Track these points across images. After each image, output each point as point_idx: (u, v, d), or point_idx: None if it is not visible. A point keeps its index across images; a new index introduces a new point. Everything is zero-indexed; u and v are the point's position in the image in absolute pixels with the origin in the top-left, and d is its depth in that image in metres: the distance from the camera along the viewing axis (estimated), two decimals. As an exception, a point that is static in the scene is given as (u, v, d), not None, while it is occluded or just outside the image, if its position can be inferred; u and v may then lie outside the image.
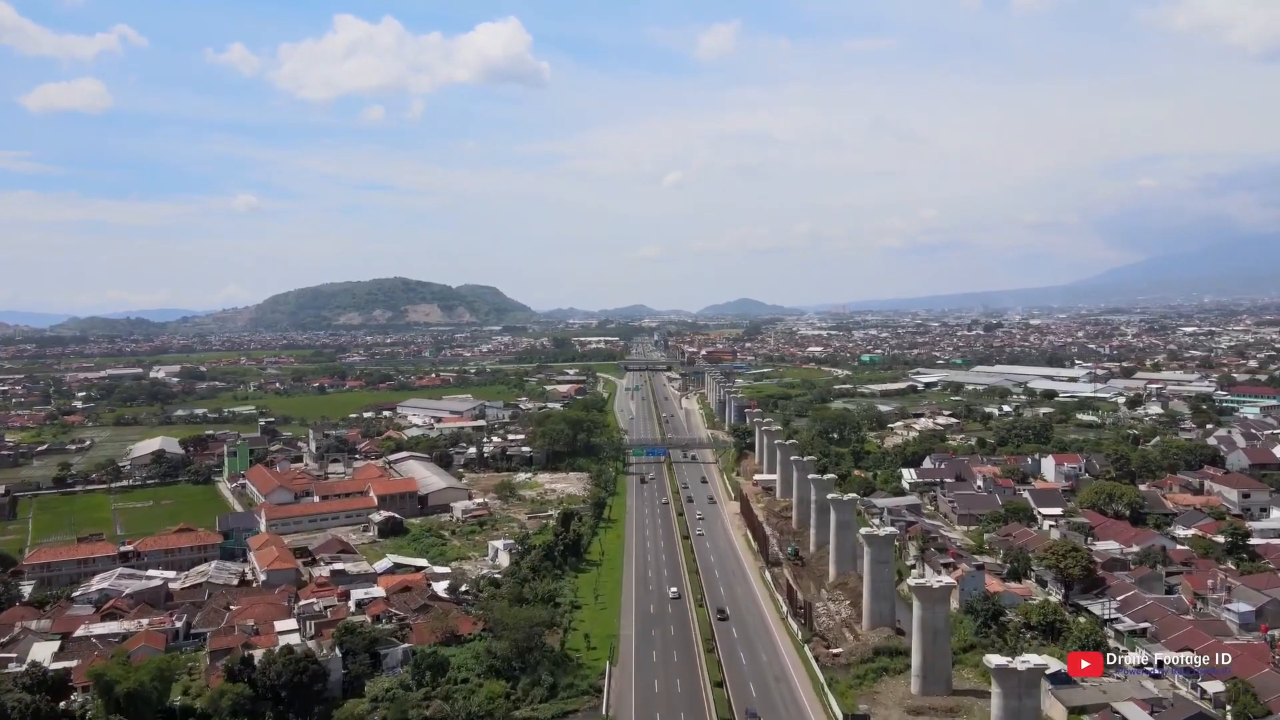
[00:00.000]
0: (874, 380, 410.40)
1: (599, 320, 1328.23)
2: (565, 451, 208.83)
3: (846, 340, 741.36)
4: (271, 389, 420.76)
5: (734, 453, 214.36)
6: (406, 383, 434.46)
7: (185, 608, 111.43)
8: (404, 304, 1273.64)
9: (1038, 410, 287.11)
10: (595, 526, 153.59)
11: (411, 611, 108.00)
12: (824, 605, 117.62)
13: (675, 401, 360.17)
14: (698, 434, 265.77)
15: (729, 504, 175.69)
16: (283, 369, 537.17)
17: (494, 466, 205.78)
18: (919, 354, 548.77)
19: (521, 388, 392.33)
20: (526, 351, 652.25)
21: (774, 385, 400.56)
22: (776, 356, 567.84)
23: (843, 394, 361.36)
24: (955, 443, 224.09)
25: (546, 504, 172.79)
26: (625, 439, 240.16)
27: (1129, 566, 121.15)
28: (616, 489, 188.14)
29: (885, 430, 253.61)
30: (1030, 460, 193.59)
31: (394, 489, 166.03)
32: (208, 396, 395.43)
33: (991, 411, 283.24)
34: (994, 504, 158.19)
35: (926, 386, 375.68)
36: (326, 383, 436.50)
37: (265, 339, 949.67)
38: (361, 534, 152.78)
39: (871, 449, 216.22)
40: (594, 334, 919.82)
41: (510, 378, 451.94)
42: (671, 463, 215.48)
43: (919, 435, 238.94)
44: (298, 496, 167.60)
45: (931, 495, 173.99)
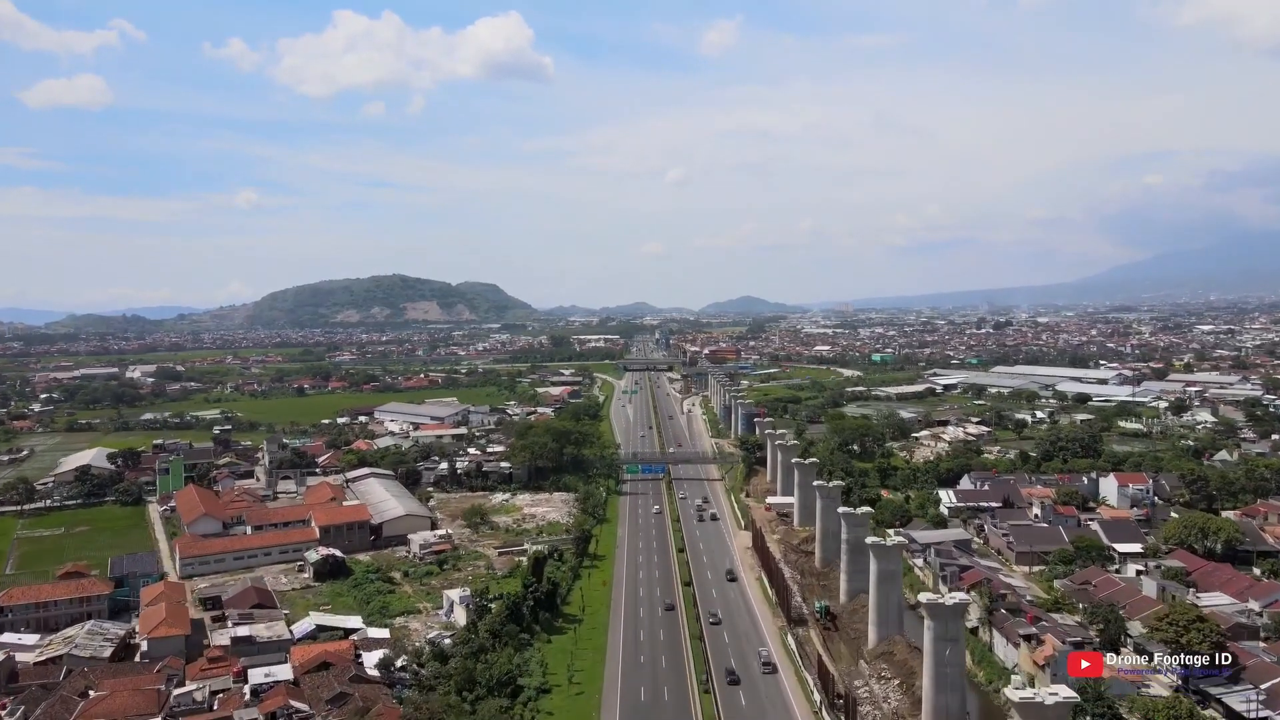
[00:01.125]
0: (887, 381, 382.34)
1: (600, 318, 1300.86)
2: (550, 468, 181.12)
3: (853, 339, 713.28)
4: (249, 390, 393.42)
5: (743, 469, 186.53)
6: (392, 384, 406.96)
7: (29, 694, 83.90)
8: (403, 301, 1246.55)
9: (1074, 417, 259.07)
10: (578, 566, 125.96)
11: (323, 703, 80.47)
12: (866, 686, 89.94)
13: (676, 404, 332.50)
14: (701, 444, 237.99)
15: (739, 534, 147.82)
16: (267, 369, 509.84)
17: (468, 485, 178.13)
18: (931, 353, 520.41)
19: (513, 390, 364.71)
20: (523, 350, 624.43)
21: (781, 387, 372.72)
22: (782, 355, 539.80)
23: (856, 397, 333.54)
24: (993, 457, 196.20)
25: (523, 534, 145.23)
26: (619, 453, 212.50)
27: (1259, 635, 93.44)
28: (607, 513, 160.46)
29: (910, 441, 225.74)
30: (1085, 480, 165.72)
31: (341, 518, 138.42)
32: (179, 399, 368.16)
33: (1024, 419, 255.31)
34: (1057, 538, 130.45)
35: (946, 389, 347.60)
36: (308, 384, 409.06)
37: (258, 337, 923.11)
38: (295, 575, 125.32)
39: (899, 464, 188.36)
40: (594, 332, 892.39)
41: (502, 379, 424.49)
42: (672, 479, 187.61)
43: (950, 447, 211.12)
44: (228, 525, 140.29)
45: (977, 524, 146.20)
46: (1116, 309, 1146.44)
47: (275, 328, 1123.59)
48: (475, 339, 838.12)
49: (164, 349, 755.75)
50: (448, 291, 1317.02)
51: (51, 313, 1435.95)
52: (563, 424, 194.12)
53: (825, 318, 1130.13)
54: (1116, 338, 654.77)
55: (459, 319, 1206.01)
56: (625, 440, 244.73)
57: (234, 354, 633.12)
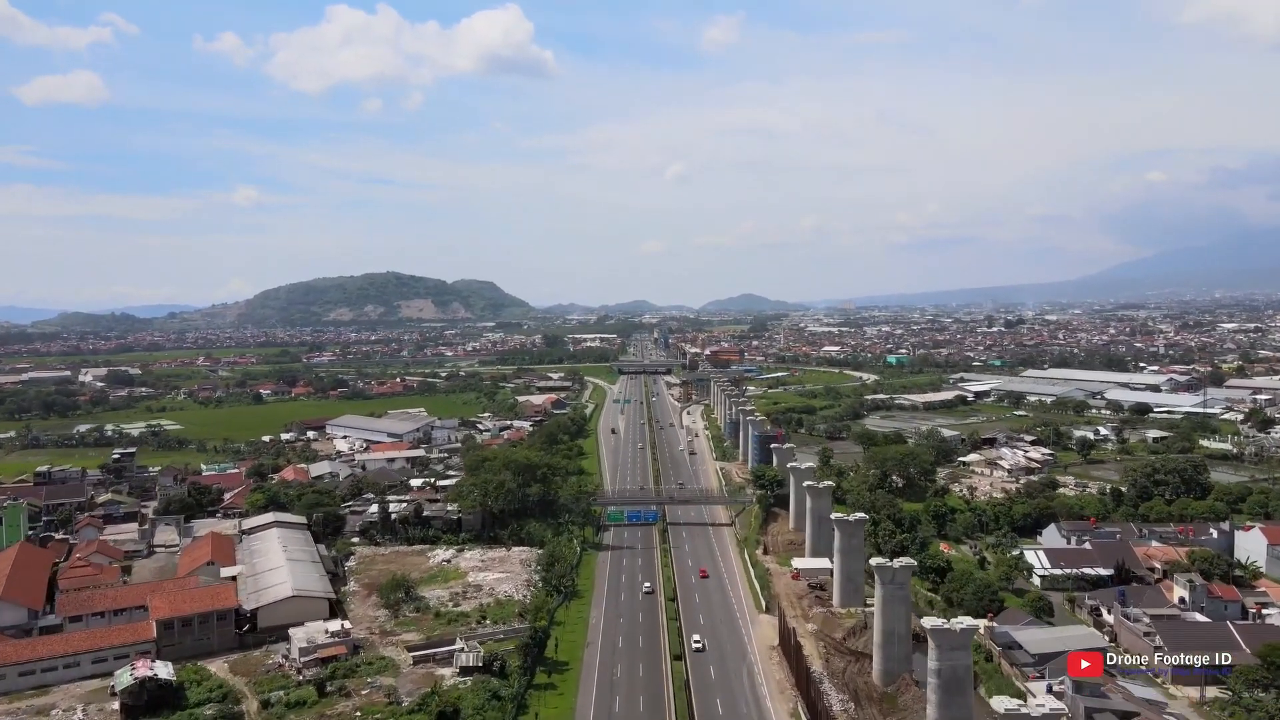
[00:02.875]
0: (908, 387, 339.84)
1: (599, 316, 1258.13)
2: (513, 510, 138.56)
3: (860, 338, 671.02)
4: (203, 396, 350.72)
5: (758, 512, 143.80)
6: (362, 390, 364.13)
7: None
8: (397, 299, 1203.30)
9: (1144, 434, 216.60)
10: (523, 693, 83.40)
11: None
12: None
13: (675, 415, 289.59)
14: (702, 470, 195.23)
15: (759, 622, 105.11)
16: (235, 371, 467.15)
17: (404, 535, 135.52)
18: (948, 354, 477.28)
19: (492, 398, 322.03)
20: (513, 351, 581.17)
21: (792, 394, 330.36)
22: (789, 356, 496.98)
23: (877, 406, 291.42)
24: (1072, 493, 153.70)
25: (459, 619, 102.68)
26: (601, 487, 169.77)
27: None
28: (578, 582, 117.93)
29: (958, 467, 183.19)
30: (1214, 533, 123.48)
31: (192, 605, 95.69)
32: (122, 406, 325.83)
33: (1083, 435, 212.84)
34: (1225, 639, 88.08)
35: (978, 397, 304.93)
36: (270, 389, 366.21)
37: (243, 336, 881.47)
38: (104, 704, 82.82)
39: (956, 504, 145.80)
40: (591, 331, 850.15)
41: (485, 383, 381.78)
42: (667, 525, 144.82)
43: (1011, 477, 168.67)
44: (34, 617, 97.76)
45: (1091, 605, 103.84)
46: (1123, 306, 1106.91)
47: (267, 326, 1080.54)
48: (467, 338, 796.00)
49: (142, 349, 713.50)
50: (443, 289, 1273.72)
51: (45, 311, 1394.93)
52: (528, 455, 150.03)
53: (828, 316, 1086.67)
54: (1139, 336, 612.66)
55: (454, 317, 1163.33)
56: (613, 463, 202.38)
57: (209, 354, 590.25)
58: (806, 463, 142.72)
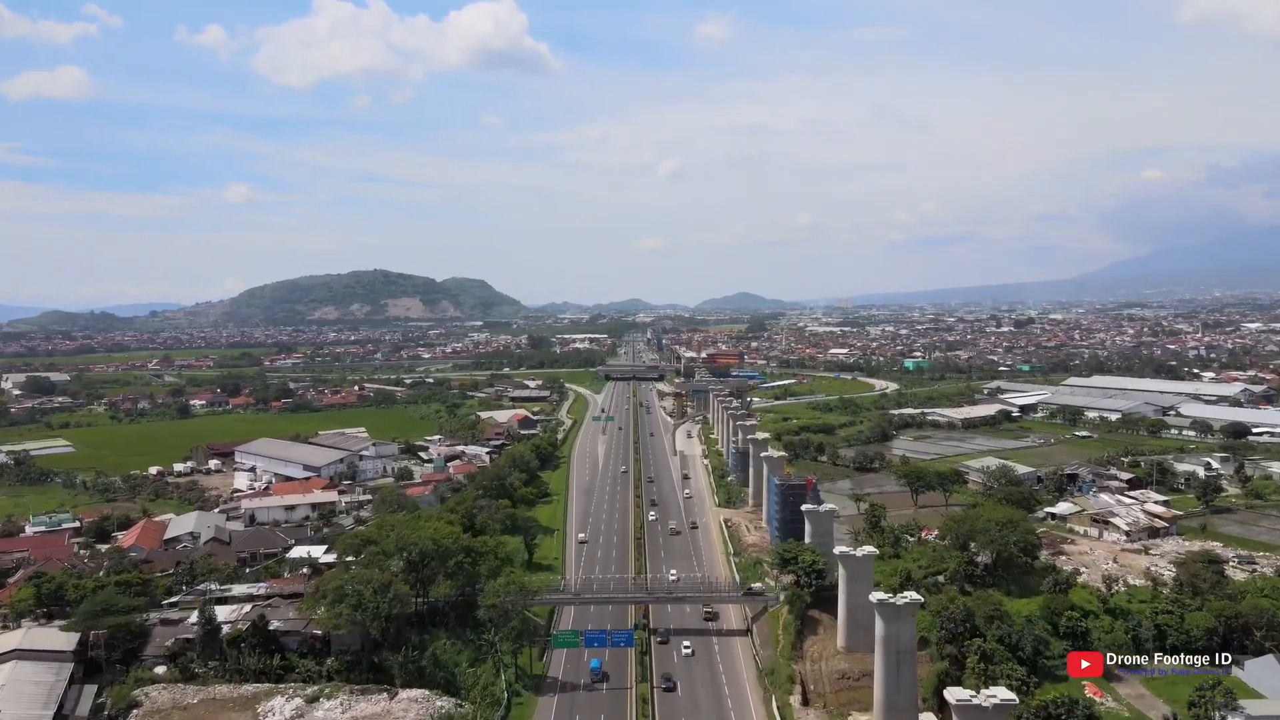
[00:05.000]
0: (935, 398, 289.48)
1: (592, 314, 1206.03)
2: (413, 621, 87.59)
3: (865, 338, 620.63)
4: (126, 408, 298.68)
5: (790, 619, 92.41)
6: (311, 400, 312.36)
7: None
8: (384, 297, 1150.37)
9: (1267, 467, 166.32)
10: None
11: None
12: None
13: (667, 435, 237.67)
14: (700, 520, 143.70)
15: None
16: (182, 376, 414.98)
17: (234, 664, 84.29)
18: (970, 358, 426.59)
19: (454, 412, 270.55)
20: (492, 354, 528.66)
21: (803, 406, 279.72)
22: (794, 360, 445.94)
23: (907, 423, 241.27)
24: (1243, 577, 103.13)
25: None
26: (563, 564, 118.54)
27: None
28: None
29: (1046, 521, 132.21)
30: None
31: None
32: (24, 420, 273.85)
33: (1193, 470, 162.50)
34: None
35: (1023, 411, 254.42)
36: (205, 400, 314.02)
37: (217, 336, 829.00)
38: None
39: (1088, 602, 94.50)
40: (582, 331, 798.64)
41: (453, 392, 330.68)
42: (650, 643, 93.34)
43: (1134, 543, 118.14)
44: None
45: None
46: (1125, 305, 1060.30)
47: (250, 326, 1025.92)
48: (452, 338, 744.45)
49: (105, 350, 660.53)
50: (432, 287, 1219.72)
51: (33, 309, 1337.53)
52: (437, 532, 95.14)
53: (827, 315, 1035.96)
54: (1164, 337, 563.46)
55: (442, 316, 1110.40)
56: (583, 510, 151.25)
57: (167, 356, 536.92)
58: (867, 553, 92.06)
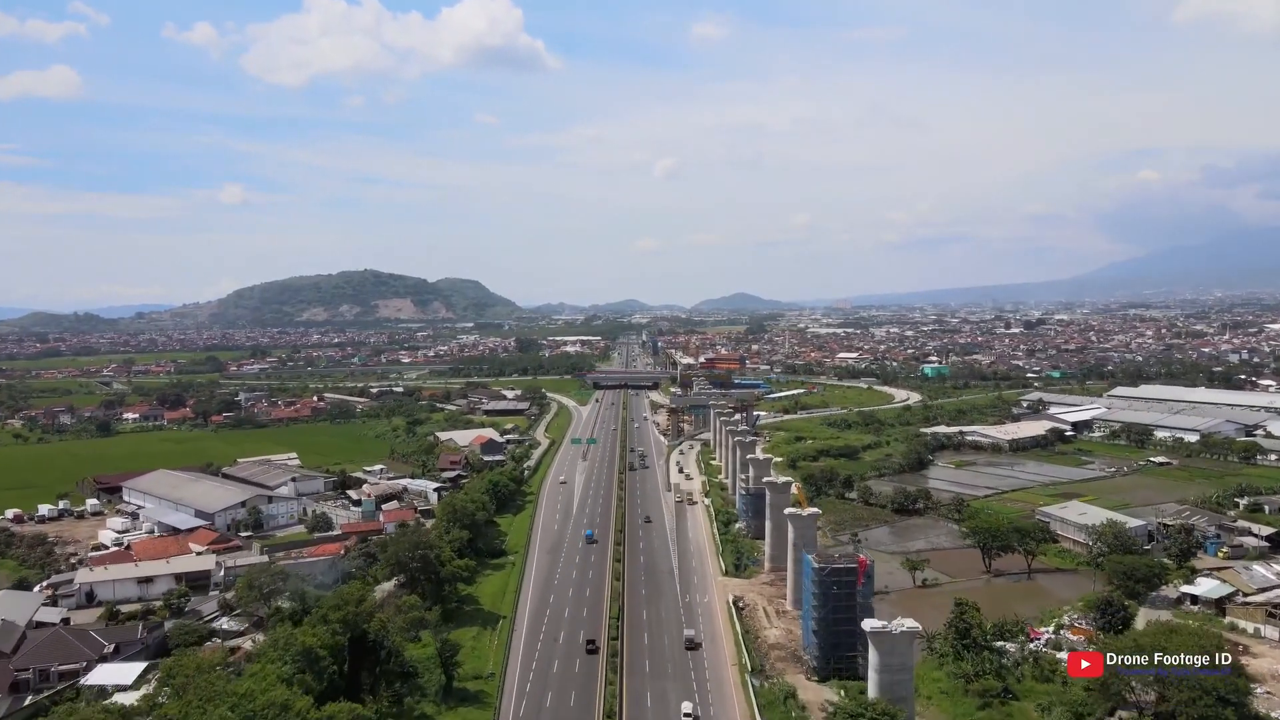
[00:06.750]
0: (965, 410, 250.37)
1: (587, 315, 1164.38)
2: None
3: (869, 340, 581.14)
4: (46, 424, 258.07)
5: None
6: (257, 415, 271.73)
7: None
8: (375, 298, 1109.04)
9: None
10: None
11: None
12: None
13: (660, 463, 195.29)
14: (702, 605, 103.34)
15: None
16: (131, 383, 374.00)
17: None
18: (991, 364, 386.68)
19: (413, 431, 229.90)
20: (475, 359, 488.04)
21: (816, 422, 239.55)
22: (799, 365, 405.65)
23: (942, 445, 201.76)
24: None
25: None
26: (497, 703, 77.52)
27: None
28: None
29: (1191, 614, 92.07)
30: None
31: None
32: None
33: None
34: None
35: (1076, 429, 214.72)
36: (139, 413, 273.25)
37: (193, 339, 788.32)
38: None
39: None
40: (575, 332, 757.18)
41: (422, 403, 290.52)
42: None
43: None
44: None
45: None
46: (1127, 305, 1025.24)
47: (236, 327, 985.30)
48: (440, 339, 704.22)
49: (72, 353, 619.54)
50: (424, 288, 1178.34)
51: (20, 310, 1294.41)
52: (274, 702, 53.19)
53: (827, 316, 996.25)
54: (1187, 339, 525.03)
55: (434, 317, 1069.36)
56: (545, 577, 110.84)
57: (128, 360, 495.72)
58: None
